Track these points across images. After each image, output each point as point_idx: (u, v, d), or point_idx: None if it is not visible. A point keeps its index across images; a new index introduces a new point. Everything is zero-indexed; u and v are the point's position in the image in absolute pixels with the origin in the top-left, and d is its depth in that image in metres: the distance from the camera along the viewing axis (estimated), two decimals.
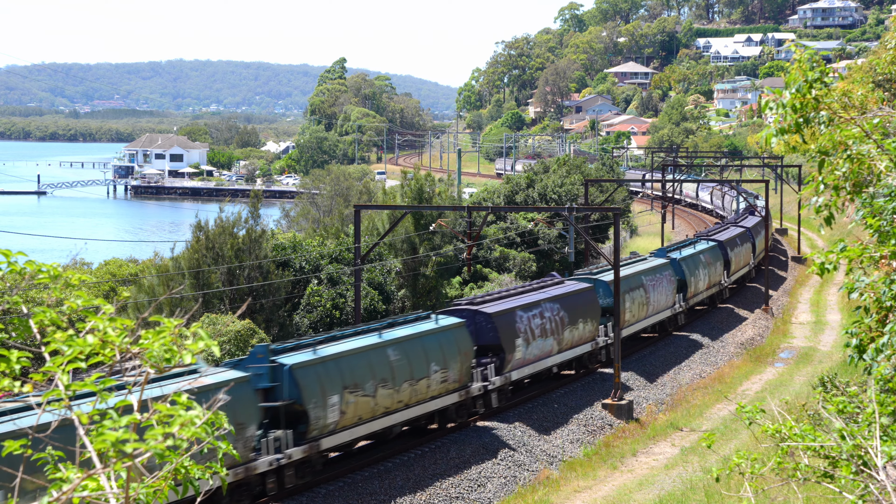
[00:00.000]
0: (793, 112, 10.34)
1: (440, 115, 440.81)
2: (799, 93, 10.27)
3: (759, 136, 10.85)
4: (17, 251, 5.97)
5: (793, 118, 10.37)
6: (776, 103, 10.51)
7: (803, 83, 10.28)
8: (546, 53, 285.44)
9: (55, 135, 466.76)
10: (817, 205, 11.00)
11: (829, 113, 10.36)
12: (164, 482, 5.86)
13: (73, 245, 55.02)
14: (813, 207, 11.28)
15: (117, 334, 5.61)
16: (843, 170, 10.64)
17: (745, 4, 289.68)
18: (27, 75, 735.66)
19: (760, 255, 72.80)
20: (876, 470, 9.92)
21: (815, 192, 10.94)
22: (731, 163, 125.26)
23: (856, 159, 10.53)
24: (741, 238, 67.89)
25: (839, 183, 10.70)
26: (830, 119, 10.37)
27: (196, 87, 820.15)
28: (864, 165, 10.57)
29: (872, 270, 12.04)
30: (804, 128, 10.42)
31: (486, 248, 60.89)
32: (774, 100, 10.54)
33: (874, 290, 11.37)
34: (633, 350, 48.75)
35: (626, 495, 30.32)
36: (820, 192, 10.87)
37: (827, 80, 10.36)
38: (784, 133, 10.45)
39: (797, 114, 10.35)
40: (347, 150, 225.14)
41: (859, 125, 10.45)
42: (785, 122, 10.45)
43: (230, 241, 46.44)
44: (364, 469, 30.37)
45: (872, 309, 11.57)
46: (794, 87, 10.34)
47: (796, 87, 10.31)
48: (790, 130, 10.46)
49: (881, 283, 11.40)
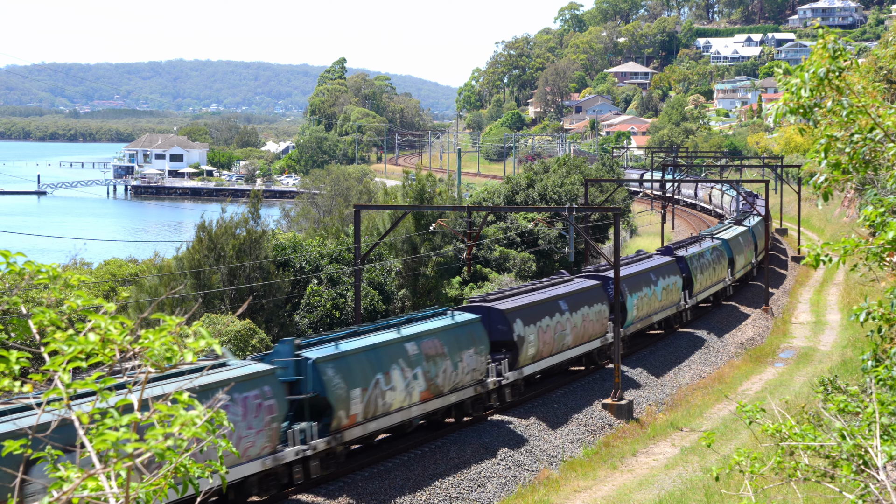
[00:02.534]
0: (809, 94, 10.30)
1: (440, 115, 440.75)
2: (817, 76, 10.24)
3: (771, 113, 10.81)
4: (17, 251, 5.97)
5: (806, 100, 10.33)
6: (790, 86, 10.48)
7: (826, 69, 10.23)
8: (546, 53, 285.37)
9: (55, 135, 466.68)
10: (818, 181, 10.97)
11: (852, 98, 10.32)
12: (164, 481, 5.86)
13: (73, 245, 55.04)
14: (812, 183, 11.26)
15: (118, 333, 5.60)
16: (848, 150, 10.63)
17: (745, 4, 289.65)
18: (27, 75, 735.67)
19: (762, 253, 72.85)
20: (876, 470, 9.91)
21: (818, 162, 10.90)
22: (731, 163, 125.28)
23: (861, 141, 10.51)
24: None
25: (842, 160, 10.68)
26: (851, 106, 10.33)
27: (196, 87, 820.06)
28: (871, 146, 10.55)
29: (877, 269, 12.03)
30: (815, 111, 10.39)
31: (486, 248, 60.88)
32: (788, 83, 10.51)
33: (882, 307, 11.35)
34: (635, 349, 48.83)
35: (626, 495, 30.32)
36: (822, 170, 10.85)
37: (844, 66, 10.32)
38: (794, 113, 10.43)
39: (813, 95, 10.32)
40: (347, 150, 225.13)
41: (871, 115, 10.43)
42: (799, 101, 10.39)
43: (231, 241, 46.47)
44: (364, 469, 30.40)
45: (884, 326, 11.57)
46: (815, 69, 10.28)
47: (817, 70, 10.25)
48: (802, 111, 10.42)
49: (888, 294, 11.40)
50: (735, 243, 64.87)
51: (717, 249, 60.66)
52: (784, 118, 10.67)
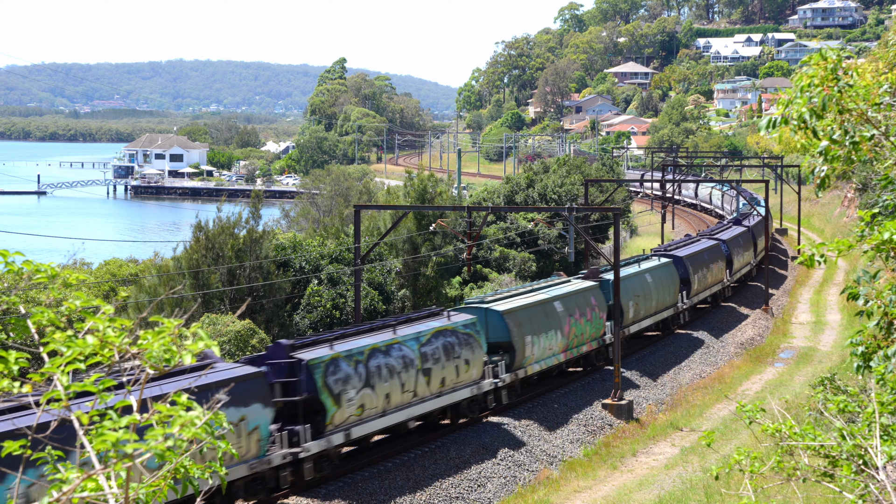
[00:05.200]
0: (808, 117, 10.30)
1: (440, 115, 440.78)
2: (821, 103, 10.20)
3: (763, 125, 10.82)
4: (16, 251, 5.97)
5: (804, 124, 10.34)
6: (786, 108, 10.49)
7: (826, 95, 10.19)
8: (546, 53, 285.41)
9: (55, 135, 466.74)
10: (818, 172, 10.98)
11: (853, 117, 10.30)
12: (164, 482, 5.86)
13: (73, 245, 55.01)
14: (808, 169, 11.27)
15: (116, 335, 5.60)
16: (847, 146, 10.63)
17: (745, 4, 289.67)
18: (27, 75, 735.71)
19: (761, 254, 72.79)
20: (876, 470, 9.91)
21: (815, 157, 10.91)
22: (731, 163, 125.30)
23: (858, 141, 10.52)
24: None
25: (840, 153, 10.68)
26: (854, 137, 10.32)
27: (196, 87, 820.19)
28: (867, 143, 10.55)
29: (878, 269, 12.03)
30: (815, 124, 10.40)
31: (486, 248, 60.89)
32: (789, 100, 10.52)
33: (881, 299, 11.34)
34: (634, 350, 48.76)
35: (626, 495, 30.32)
36: (820, 164, 10.87)
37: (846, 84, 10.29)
38: (787, 124, 10.43)
39: (812, 118, 10.32)
40: (347, 150, 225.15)
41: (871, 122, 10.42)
42: (798, 120, 10.39)
43: (230, 241, 46.46)
44: (364, 469, 30.40)
45: (877, 315, 11.54)
46: (817, 97, 10.25)
47: (819, 98, 10.22)
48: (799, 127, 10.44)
49: (887, 290, 11.38)
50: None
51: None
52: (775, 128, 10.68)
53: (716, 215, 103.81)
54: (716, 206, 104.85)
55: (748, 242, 69.21)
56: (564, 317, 40.31)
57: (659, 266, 51.92)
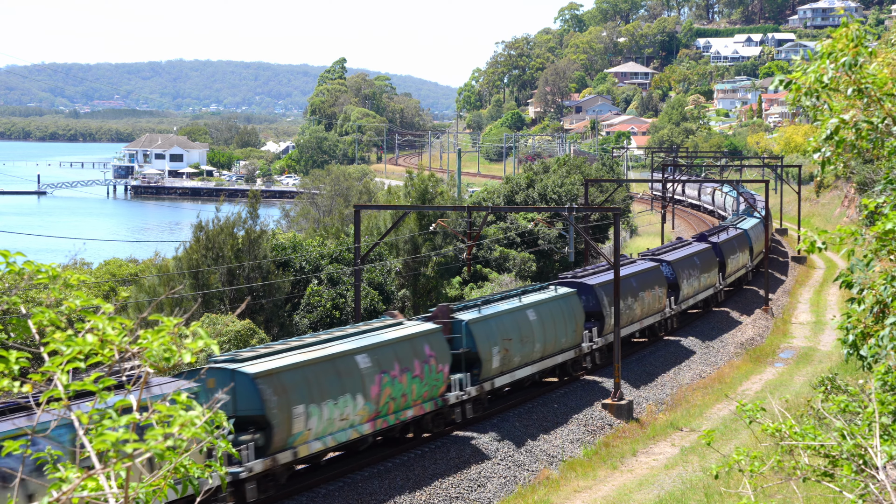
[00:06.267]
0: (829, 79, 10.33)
1: (440, 115, 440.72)
2: (844, 64, 10.24)
3: (790, 92, 10.85)
4: (16, 251, 5.97)
5: (825, 86, 10.36)
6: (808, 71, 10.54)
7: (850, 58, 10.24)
8: (546, 53, 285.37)
9: (55, 135, 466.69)
10: (821, 157, 10.99)
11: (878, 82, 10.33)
12: (164, 481, 5.86)
13: (73, 245, 55.01)
14: (811, 148, 11.28)
15: (117, 333, 5.60)
16: (856, 128, 10.65)
17: (745, 4, 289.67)
18: (27, 75, 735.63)
19: (759, 256, 72.37)
20: (876, 470, 9.91)
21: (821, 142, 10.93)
22: (731, 163, 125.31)
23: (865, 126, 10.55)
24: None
25: (847, 137, 10.69)
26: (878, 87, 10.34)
27: (196, 87, 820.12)
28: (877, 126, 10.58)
29: (874, 263, 12.03)
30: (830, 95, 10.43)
31: (486, 248, 60.89)
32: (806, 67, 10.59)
33: (874, 288, 11.35)
34: (632, 352, 48.62)
35: (626, 495, 30.32)
36: (825, 148, 10.89)
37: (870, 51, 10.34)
38: (809, 95, 10.45)
39: (832, 82, 10.35)
40: (347, 150, 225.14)
41: None
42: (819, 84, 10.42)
43: (230, 241, 46.46)
44: (364, 469, 30.41)
45: (869, 303, 11.55)
46: (838, 58, 10.28)
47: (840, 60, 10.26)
48: (818, 93, 10.46)
49: (881, 279, 11.39)
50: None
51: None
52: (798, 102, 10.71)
53: (718, 217, 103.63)
54: (717, 206, 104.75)
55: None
56: (372, 374, 30.47)
57: (552, 299, 41.24)
